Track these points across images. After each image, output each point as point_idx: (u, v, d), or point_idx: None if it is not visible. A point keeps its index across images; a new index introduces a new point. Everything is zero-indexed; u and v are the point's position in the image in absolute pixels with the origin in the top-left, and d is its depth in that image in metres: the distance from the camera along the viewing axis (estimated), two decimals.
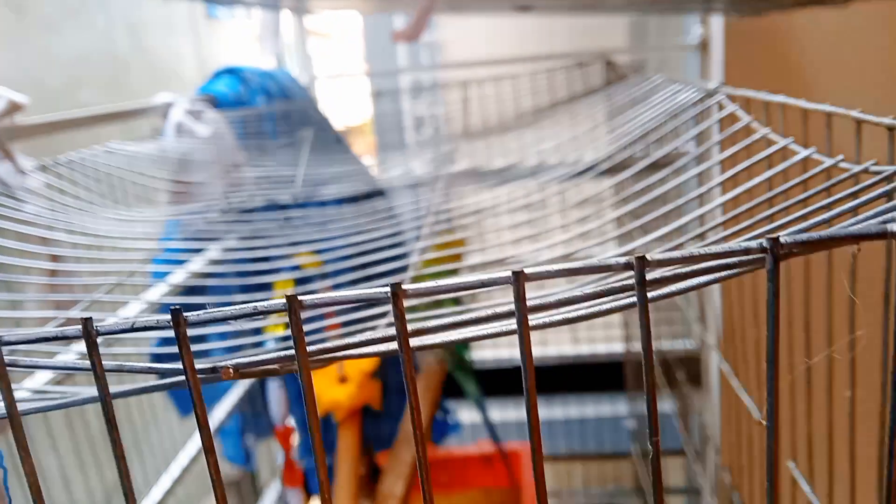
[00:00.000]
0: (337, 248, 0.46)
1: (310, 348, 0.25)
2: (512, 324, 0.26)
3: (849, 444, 0.37)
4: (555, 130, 0.84)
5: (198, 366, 0.19)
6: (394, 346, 0.28)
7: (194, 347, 0.21)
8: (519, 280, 0.16)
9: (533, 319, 0.26)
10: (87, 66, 1.25)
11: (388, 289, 0.16)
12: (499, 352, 1.42)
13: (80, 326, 0.17)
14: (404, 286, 0.17)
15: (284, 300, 0.17)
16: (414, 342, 0.28)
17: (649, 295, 0.16)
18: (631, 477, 1.43)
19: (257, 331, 0.38)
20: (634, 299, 0.17)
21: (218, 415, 1.18)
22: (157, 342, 0.52)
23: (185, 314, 0.17)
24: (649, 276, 0.16)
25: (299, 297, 0.18)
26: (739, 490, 0.59)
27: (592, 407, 1.36)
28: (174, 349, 0.19)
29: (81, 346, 0.18)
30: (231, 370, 0.19)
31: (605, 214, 0.40)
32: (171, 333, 0.18)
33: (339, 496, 0.66)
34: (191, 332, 0.18)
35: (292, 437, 0.51)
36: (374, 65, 1.92)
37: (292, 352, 0.19)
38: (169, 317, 0.17)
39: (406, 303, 0.18)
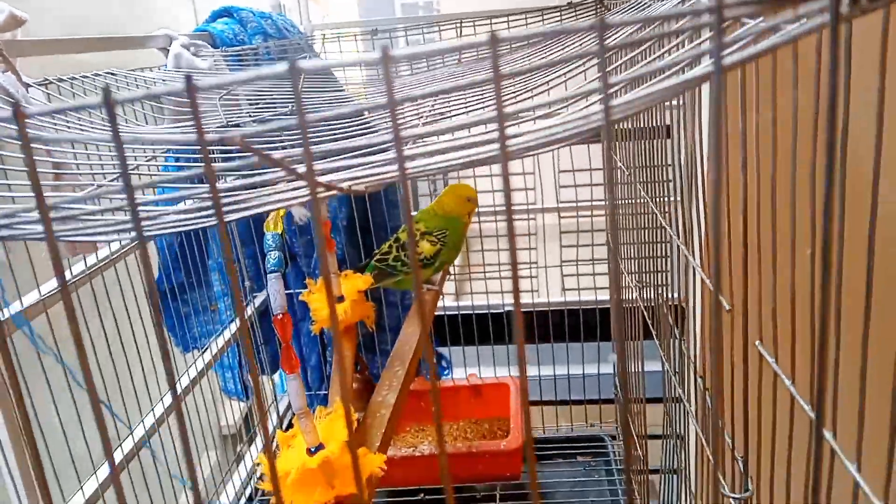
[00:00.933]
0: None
1: (318, 165, 0.28)
2: (495, 149, 0.29)
3: (810, 314, 0.40)
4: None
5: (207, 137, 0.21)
6: (394, 169, 0.31)
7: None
8: (493, 43, 0.18)
9: (512, 145, 0.29)
10: (85, 23, 1.26)
11: (379, 54, 0.19)
12: (492, 300, 1.45)
13: (100, 97, 0.19)
14: (390, 53, 0.20)
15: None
16: (410, 168, 0.31)
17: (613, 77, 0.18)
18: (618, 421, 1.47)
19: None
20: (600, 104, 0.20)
21: (215, 348, 1.21)
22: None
23: (193, 82, 0.19)
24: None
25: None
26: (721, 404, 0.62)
27: (581, 354, 1.40)
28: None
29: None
30: (239, 139, 0.21)
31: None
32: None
33: (334, 402, 0.69)
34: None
35: (289, 325, 0.54)
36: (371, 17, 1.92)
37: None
38: (184, 84, 0.19)
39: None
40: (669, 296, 0.87)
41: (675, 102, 0.83)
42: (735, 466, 0.54)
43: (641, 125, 0.95)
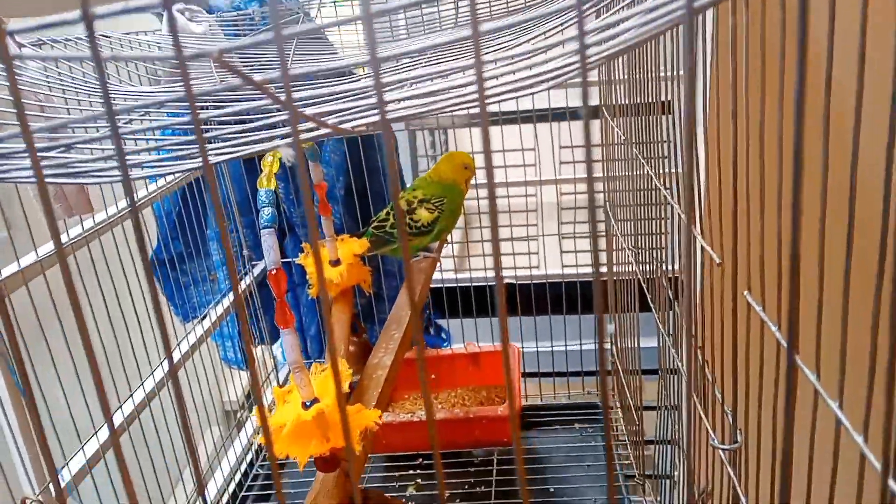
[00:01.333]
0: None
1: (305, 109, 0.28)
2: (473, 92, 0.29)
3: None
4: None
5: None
6: (375, 116, 0.31)
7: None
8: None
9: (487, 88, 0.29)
10: None
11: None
12: (492, 272, 1.45)
13: (78, 11, 0.19)
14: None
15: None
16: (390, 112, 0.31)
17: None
18: (615, 392, 1.48)
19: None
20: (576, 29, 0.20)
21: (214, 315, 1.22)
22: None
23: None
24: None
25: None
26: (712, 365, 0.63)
27: (578, 326, 1.40)
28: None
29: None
30: (218, 54, 0.21)
31: None
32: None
33: (330, 363, 0.70)
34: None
35: (283, 280, 0.54)
36: None
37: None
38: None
39: None
40: (667, 267, 0.88)
41: (672, 73, 0.83)
42: (725, 420, 0.55)
43: (640, 101, 0.95)
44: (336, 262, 0.83)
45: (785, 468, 0.31)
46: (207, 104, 0.50)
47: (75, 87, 0.60)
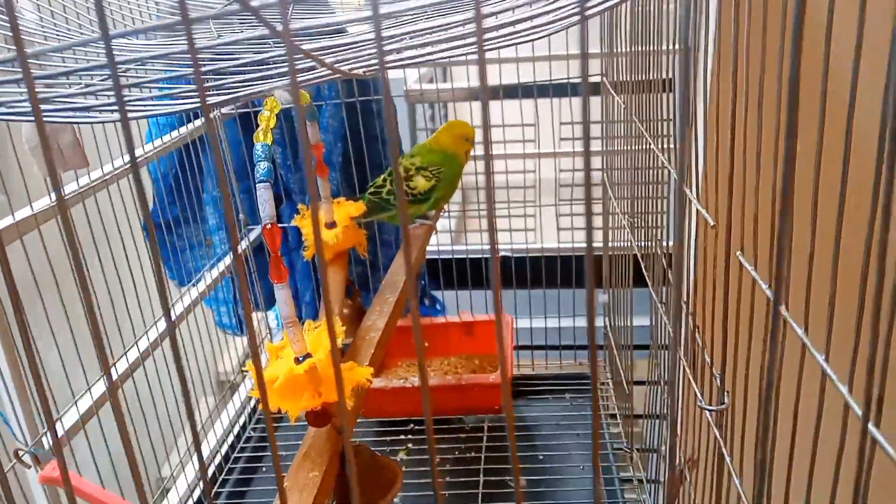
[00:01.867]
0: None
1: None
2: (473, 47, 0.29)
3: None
4: None
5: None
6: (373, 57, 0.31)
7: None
8: None
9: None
10: None
11: None
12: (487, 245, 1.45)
13: None
14: None
15: None
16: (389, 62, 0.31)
17: None
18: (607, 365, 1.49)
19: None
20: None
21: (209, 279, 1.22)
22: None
23: None
24: None
25: None
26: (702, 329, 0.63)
27: (572, 300, 1.41)
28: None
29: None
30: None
31: None
32: None
33: (324, 322, 0.70)
34: None
35: (278, 235, 0.54)
36: None
37: None
38: None
39: None
40: (665, 243, 0.88)
41: (675, 47, 0.83)
42: (714, 385, 0.56)
43: (642, 78, 0.94)
44: (332, 225, 0.83)
45: (766, 416, 0.32)
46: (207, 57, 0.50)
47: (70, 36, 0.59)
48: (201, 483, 1.13)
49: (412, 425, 1.20)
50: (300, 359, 0.57)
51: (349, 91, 1.28)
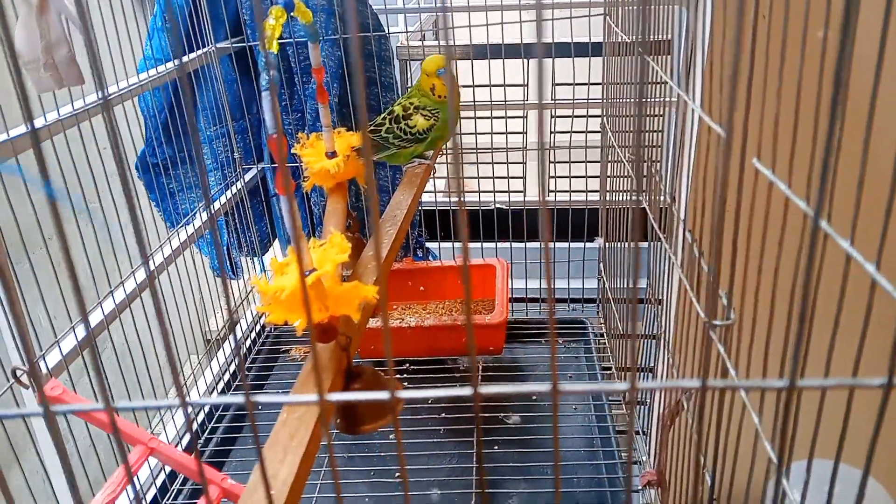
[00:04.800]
0: None
1: None
2: None
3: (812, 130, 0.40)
4: None
5: None
6: None
7: None
8: None
9: None
10: None
11: None
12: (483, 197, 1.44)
13: None
14: None
15: None
16: None
17: None
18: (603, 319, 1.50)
19: None
20: None
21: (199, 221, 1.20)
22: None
23: None
24: None
25: None
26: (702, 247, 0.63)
27: (568, 253, 1.41)
28: None
29: None
30: None
31: None
32: None
33: (328, 233, 0.69)
34: None
35: (284, 145, 0.53)
36: None
37: None
38: None
39: None
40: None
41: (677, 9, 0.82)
42: (718, 302, 0.56)
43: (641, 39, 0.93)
44: (332, 154, 0.82)
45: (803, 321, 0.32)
46: None
47: None
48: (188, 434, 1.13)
49: (408, 364, 1.21)
50: (306, 273, 0.57)
51: (347, 30, 1.26)
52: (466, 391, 0.25)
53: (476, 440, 1.04)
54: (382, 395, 0.26)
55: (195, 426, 1.12)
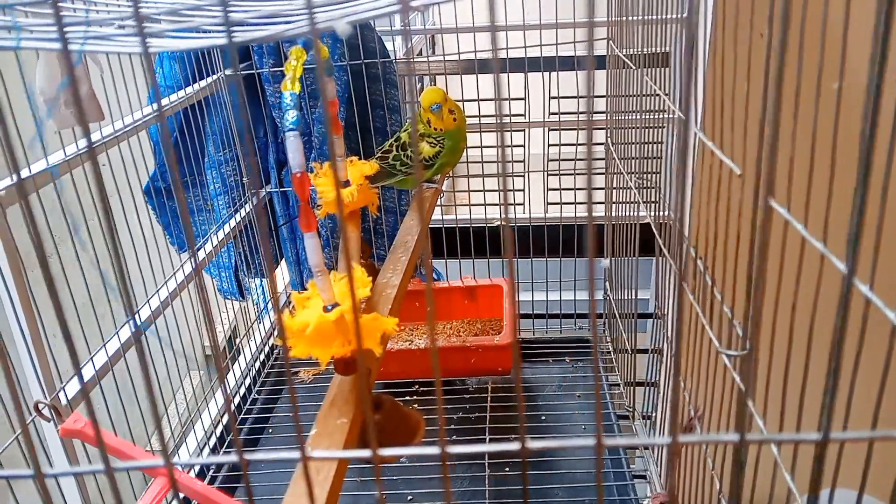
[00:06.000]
0: None
1: None
2: None
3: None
4: None
5: None
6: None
7: None
8: None
9: None
10: None
11: None
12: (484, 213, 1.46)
13: None
14: None
15: None
16: None
17: None
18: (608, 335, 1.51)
19: None
20: None
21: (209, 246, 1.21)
22: None
23: None
24: None
25: None
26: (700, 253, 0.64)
27: (572, 269, 1.42)
28: None
29: None
30: None
31: None
32: None
33: (342, 276, 0.71)
34: None
35: (307, 183, 0.55)
36: None
37: None
38: None
39: None
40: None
41: (676, 16, 0.84)
42: (733, 331, 0.57)
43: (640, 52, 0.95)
44: (346, 184, 0.84)
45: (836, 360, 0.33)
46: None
47: None
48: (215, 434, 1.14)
49: (418, 386, 1.22)
50: (329, 307, 0.58)
51: (353, 55, 1.28)
52: (514, 446, 0.27)
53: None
54: (432, 450, 0.27)
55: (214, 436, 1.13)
